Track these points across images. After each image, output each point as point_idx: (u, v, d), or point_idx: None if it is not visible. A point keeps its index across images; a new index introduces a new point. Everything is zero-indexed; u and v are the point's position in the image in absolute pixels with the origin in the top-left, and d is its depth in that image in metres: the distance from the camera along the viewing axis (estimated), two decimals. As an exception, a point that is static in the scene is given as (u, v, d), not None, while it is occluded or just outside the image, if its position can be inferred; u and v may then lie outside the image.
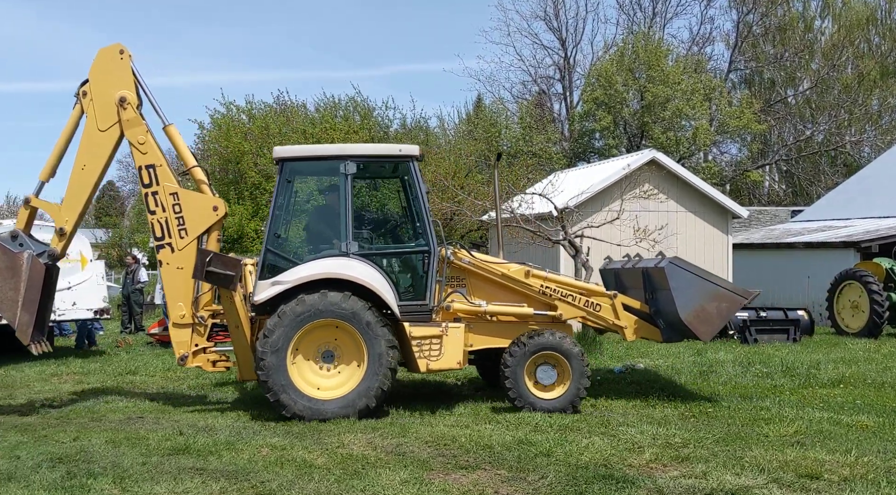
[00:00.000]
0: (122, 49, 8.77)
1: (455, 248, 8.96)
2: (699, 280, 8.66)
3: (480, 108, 37.29)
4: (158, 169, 8.64)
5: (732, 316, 9.11)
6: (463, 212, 14.15)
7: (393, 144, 8.85)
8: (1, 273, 8.51)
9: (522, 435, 7.41)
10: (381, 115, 26.06)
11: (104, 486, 5.77)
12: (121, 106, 8.65)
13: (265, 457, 6.60)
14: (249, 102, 26.25)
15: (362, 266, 8.33)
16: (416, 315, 8.48)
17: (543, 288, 8.98)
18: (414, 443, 7.11)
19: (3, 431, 7.70)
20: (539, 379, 8.49)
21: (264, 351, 7.89)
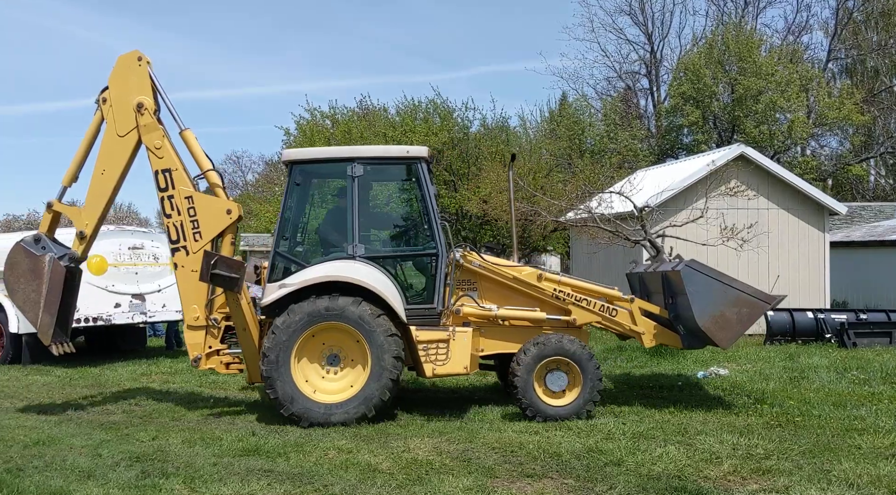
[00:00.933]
0: (140, 56, 8.90)
1: (464, 251, 8.83)
2: (718, 284, 8.24)
3: (565, 105, 36.78)
4: (174, 173, 8.71)
5: (754, 322, 8.50)
6: (537, 212, 13.90)
7: (401, 146, 8.61)
8: (24, 275, 8.81)
9: (593, 442, 7.18)
10: (461, 116, 26.05)
11: (174, 486, 5.92)
12: (138, 111, 8.76)
13: (331, 460, 6.64)
14: (333, 108, 26.80)
15: (368, 269, 8.28)
16: (424, 318, 8.37)
17: (557, 292, 8.78)
18: (480, 449, 7.00)
19: (90, 429, 8.05)
20: (549, 386, 8.22)
21: (268, 354, 7.93)
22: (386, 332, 7.96)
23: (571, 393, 8.21)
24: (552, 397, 8.20)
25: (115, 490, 5.82)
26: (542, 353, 8.15)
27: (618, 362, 12.20)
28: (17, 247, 8.94)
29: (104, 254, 12.93)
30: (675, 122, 32.63)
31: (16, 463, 6.63)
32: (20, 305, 8.96)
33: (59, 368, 12.65)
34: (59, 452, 7.00)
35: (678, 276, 8.28)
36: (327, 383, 8.16)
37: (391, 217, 9.65)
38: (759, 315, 8.32)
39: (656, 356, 12.53)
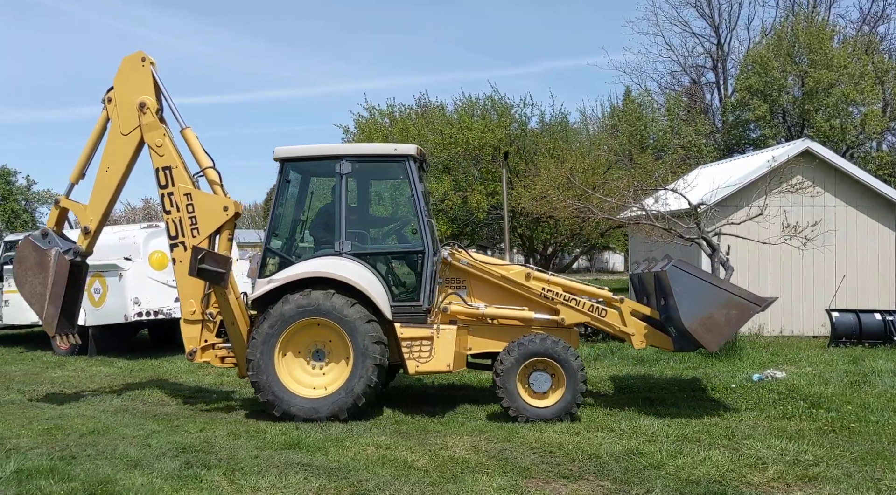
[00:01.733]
0: (144, 57, 9.12)
1: (452, 249, 8.75)
2: (706, 285, 8.00)
3: (628, 100, 36.16)
4: (174, 171, 8.88)
5: (743, 324, 8.15)
6: (589, 210, 13.72)
7: (389, 144, 8.52)
8: (31, 268, 9.14)
9: (634, 444, 7.06)
10: (519, 113, 25.87)
11: (215, 477, 6.08)
12: (140, 111, 8.98)
13: (368, 456, 6.70)
14: (391, 105, 26.98)
15: (353, 265, 8.29)
16: (411, 316, 8.35)
17: (545, 291, 8.67)
18: (518, 449, 6.96)
19: (143, 420, 8.34)
20: (532, 386, 8.09)
21: (253, 350, 8.03)
22: (366, 327, 7.95)
23: (555, 394, 8.07)
24: (536, 398, 8.07)
25: (158, 479, 6.01)
26: (525, 354, 8.03)
27: (670, 363, 11.95)
28: (26, 242, 9.31)
29: (165, 249, 13.34)
30: (742, 117, 31.67)
31: (70, 450, 6.92)
32: (27, 298, 9.30)
33: (122, 360, 13.15)
34: (112, 441, 7.27)
35: (666, 277, 8.09)
36: (313, 378, 8.21)
37: (378, 214, 9.57)
38: (748, 317, 8.01)
39: (710, 357, 12.21)
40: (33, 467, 6.25)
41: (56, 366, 12.73)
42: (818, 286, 15.98)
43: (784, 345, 14.08)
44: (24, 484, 5.90)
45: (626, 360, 12.23)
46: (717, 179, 15.39)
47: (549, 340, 8.11)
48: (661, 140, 30.70)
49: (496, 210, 24.45)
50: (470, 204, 23.64)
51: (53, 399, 9.75)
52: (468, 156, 24.06)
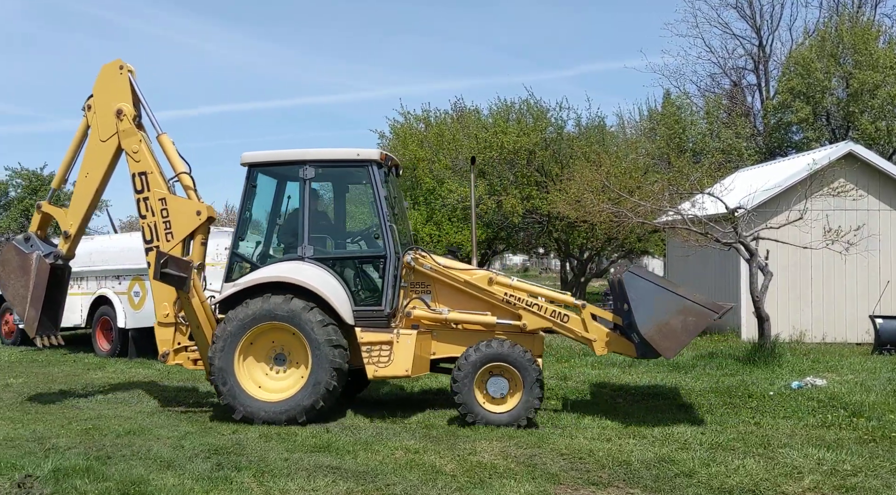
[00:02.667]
0: (122, 65, 9.28)
1: (416, 254, 8.69)
2: (662, 291, 7.84)
3: (668, 103, 35.74)
4: (150, 176, 9.04)
5: (700, 331, 7.90)
6: (624, 214, 13.56)
7: (352, 149, 8.72)
8: (14, 272, 9.41)
9: (667, 452, 6.96)
10: (555, 116, 25.75)
11: (245, 479, 6.14)
12: (118, 117, 9.14)
13: (397, 460, 6.71)
14: (426, 110, 27.08)
15: (314, 270, 8.34)
16: (373, 320, 8.38)
17: (507, 296, 8.56)
18: (548, 455, 6.91)
19: (178, 421, 8.46)
20: (490, 392, 8.04)
21: (213, 353, 8.18)
22: (323, 331, 7.99)
23: (512, 399, 8.02)
24: (493, 403, 8.03)
25: (189, 481, 6.09)
26: (482, 359, 8.00)
27: (707, 370, 11.75)
28: (10, 246, 9.61)
29: (202, 253, 13.53)
30: (784, 119, 31.07)
31: (106, 450, 7.05)
32: (10, 299, 9.58)
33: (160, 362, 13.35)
34: (146, 442, 7.39)
35: (622, 284, 7.98)
36: (274, 382, 8.31)
37: (343, 219, 9.55)
38: (704, 324, 7.81)
39: (749, 364, 12.00)
40: (70, 466, 6.38)
41: (96, 367, 13.00)
42: (861, 292, 15.59)
43: (825, 352, 13.76)
44: (61, 482, 6.02)
45: (661, 367, 12.07)
46: (756, 183, 15.12)
47: (507, 345, 8.07)
48: (699, 143, 30.28)
49: (532, 214, 24.35)
50: (504, 208, 23.58)
51: (93, 399, 9.96)
52: (502, 160, 24.01)
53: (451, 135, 25.29)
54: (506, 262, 73.94)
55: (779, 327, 14.23)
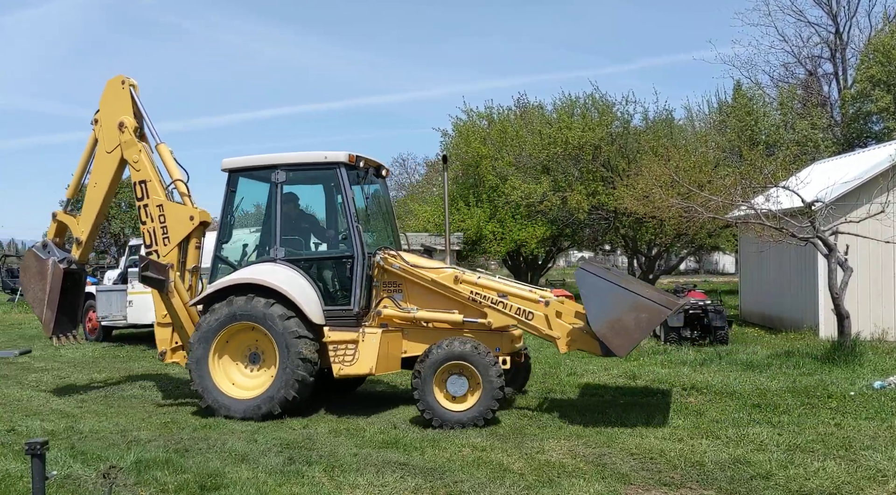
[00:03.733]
0: (124, 80, 9.81)
1: (385, 254, 8.71)
2: (614, 288, 7.58)
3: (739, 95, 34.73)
4: (149, 184, 9.50)
5: (653, 328, 7.43)
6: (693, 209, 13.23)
7: (320, 152, 8.88)
8: (34, 276, 10.10)
9: (742, 453, 6.77)
10: (621, 110, 25.35)
11: (315, 473, 6.25)
12: (120, 130, 9.66)
13: (464, 457, 6.72)
14: (489, 107, 27.03)
15: (285, 271, 8.58)
16: (343, 320, 8.51)
17: (473, 294, 8.46)
18: (618, 454, 6.81)
19: (251, 416, 8.65)
20: (449, 391, 7.98)
21: (190, 353, 8.62)
22: (286, 325, 8.23)
23: (472, 398, 7.94)
24: (453, 402, 7.98)
25: (262, 474, 6.24)
26: (441, 358, 7.96)
27: (783, 368, 11.37)
28: (29, 252, 10.34)
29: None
30: (864, 109, 29.84)
31: (184, 444, 7.29)
32: (30, 302, 10.22)
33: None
34: (222, 436, 7.61)
35: None
36: (248, 380, 8.64)
37: (314, 221, 9.64)
38: (658, 321, 7.50)
39: (828, 363, 11.56)
40: (151, 458, 6.62)
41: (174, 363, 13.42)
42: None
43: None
44: (143, 474, 6.26)
45: (734, 365, 11.74)
46: (834, 175, 14.55)
47: (466, 344, 8.01)
48: (772, 135, 29.32)
49: (597, 210, 24.04)
50: (570, 204, 23.36)
51: (171, 394, 10.30)
52: (567, 155, 23.78)
53: (514, 132, 25.19)
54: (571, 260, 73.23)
55: (859, 325, 13.67)
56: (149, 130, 9.84)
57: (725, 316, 14.66)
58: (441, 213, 25.97)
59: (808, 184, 13.71)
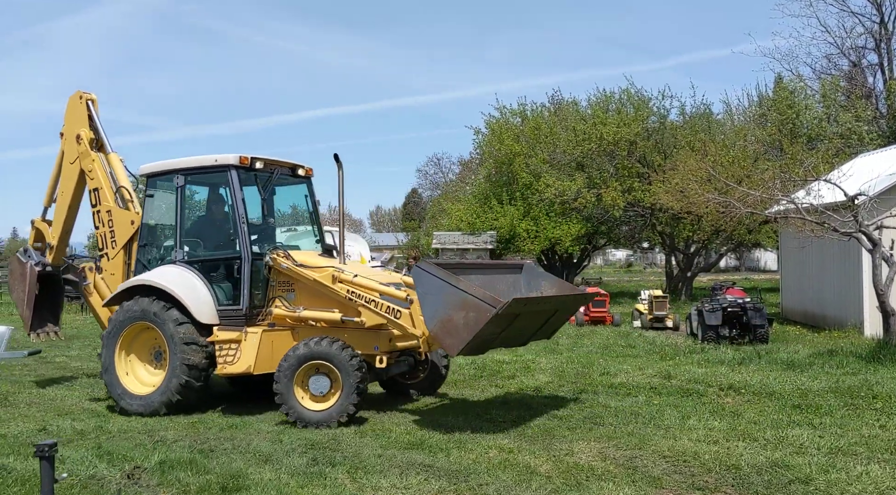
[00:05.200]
0: (82, 95, 10.55)
1: (273, 254, 8.76)
2: (445, 285, 7.32)
3: (780, 87, 33.88)
4: (101, 192, 10.10)
5: (480, 327, 7.18)
6: (730, 204, 12.86)
7: (210, 155, 9.14)
8: (18, 279, 10.95)
9: (780, 456, 6.51)
10: (658, 105, 24.93)
11: (338, 475, 6.15)
12: (77, 142, 10.36)
13: (490, 459, 6.56)
14: (522, 104, 26.79)
15: (180, 272, 8.93)
16: (233, 319, 8.72)
17: (349, 293, 8.38)
18: (649, 457, 6.58)
19: (278, 415, 8.58)
20: (312, 390, 7.97)
21: (102, 351, 9.06)
22: (175, 328, 8.56)
23: (332, 398, 7.89)
24: (316, 401, 7.96)
25: (285, 475, 6.16)
26: (301, 357, 7.95)
27: (825, 368, 10.99)
28: (13, 257, 11.27)
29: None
30: (911, 100, 28.87)
31: (210, 444, 7.25)
32: (15, 302, 11.10)
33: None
34: (247, 436, 7.56)
35: None
36: (153, 377, 8.96)
37: (211, 223, 9.74)
38: (484, 319, 7.14)
39: (873, 362, 11.15)
40: (175, 459, 6.58)
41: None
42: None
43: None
44: (167, 474, 6.22)
45: (774, 365, 11.39)
46: (878, 168, 14.04)
47: (330, 343, 7.95)
48: (815, 128, 28.54)
49: (633, 207, 23.66)
50: (604, 201, 23.02)
51: (201, 394, 10.28)
52: (602, 151, 23.43)
53: (547, 129, 24.91)
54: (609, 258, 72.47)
55: (906, 322, 13.16)
56: (104, 140, 10.51)
57: (765, 313, 14.28)
58: (474, 212, 25.83)
59: (851, 177, 13.25)
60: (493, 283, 8.57)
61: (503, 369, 11.47)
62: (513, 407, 8.77)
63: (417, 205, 67.48)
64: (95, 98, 10.67)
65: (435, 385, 9.65)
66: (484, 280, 8.48)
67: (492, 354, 12.92)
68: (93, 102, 10.61)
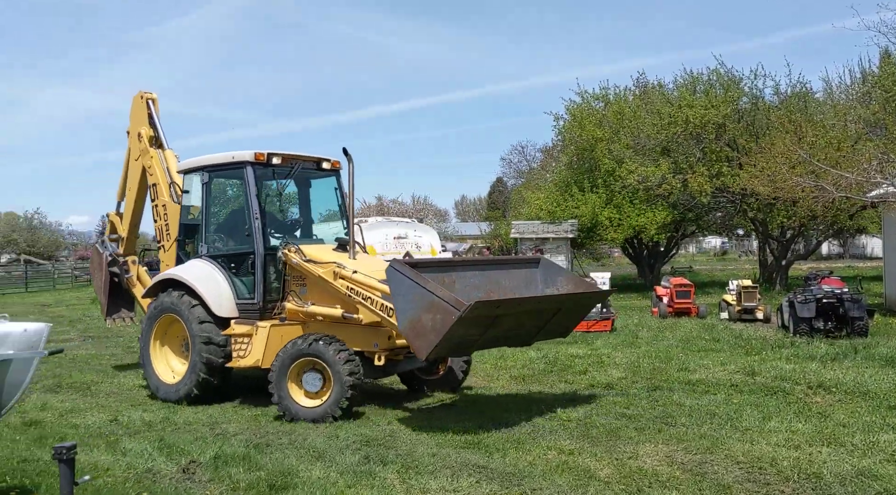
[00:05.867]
0: (143, 95, 11.04)
1: (284, 249, 8.77)
2: (415, 286, 7.10)
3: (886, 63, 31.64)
4: (158, 187, 10.51)
5: (447, 330, 6.77)
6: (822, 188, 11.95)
7: (228, 153, 9.25)
8: (96, 269, 11.87)
9: (868, 464, 5.92)
10: (749, 85, 23.66)
11: (388, 475, 5.97)
12: (138, 139, 10.88)
13: (548, 461, 6.24)
14: (604, 88, 25.99)
15: (204, 267, 9.21)
16: (250, 313, 8.90)
17: (349, 289, 8.22)
18: (721, 462, 6.11)
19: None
20: (306, 386, 7.97)
21: (140, 341, 9.59)
22: (194, 318, 8.86)
23: (325, 394, 7.87)
24: (310, 398, 7.96)
25: (334, 473, 6.03)
26: (293, 354, 7.97)
27: (930, 365, 10.08)
28: (93, 248, 12.25)
29: (373, 243, 13.84)
30: None
31: (267, 438, 7.23)
32: (95, 290, 12.12)
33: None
34: (305, 430, 7.51)
35: None
36: (182, 367, 9.27)
37: (233, 218, 9.92)
38: (450, 321, 6.80)
39: None
40: (230, 454, 6.57)
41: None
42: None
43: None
44: (220, 469, 6.20)
45: (872, 361, 10.55)
46: None
47: (322, 340, 7.92)
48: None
49: (722, 193, 22.58)
50: (691, 187, 22.05)
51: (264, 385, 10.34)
52: (688, 135, 22.44)
53: (631, 113, 24.05)
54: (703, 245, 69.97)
55: None
56: (161, 137, 10.96)
57: (865, 305, 13.27)
58: (554, 201, 25.26)
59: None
60: (498, 280, 8.48)
61: (575, 364, 11.06)
62: (580, 404, 8.39)
63: (502, 195, 67.03)
64: (156, 97, 11.17)
65: (452, 382, 9.47)
66: (482, 278, 8.39)
67: (565, 347, 12.55)
68: (153, 101, 11.09)
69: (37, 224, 62.20)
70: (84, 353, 13.75)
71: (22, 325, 4.66)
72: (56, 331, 17.86)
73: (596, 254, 44.40)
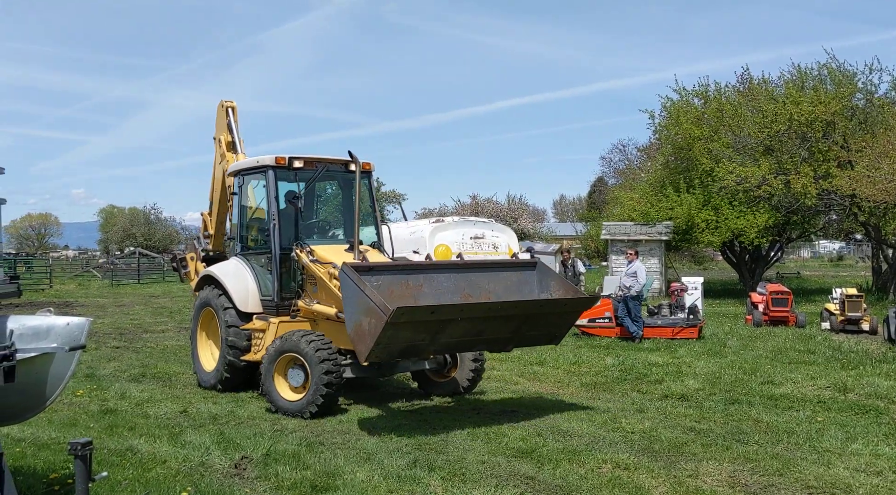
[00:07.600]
0: (223, 103, 11.61)
1: (296, 249, 9.00)
2: (357, 291, 7.12)
3: None
4: (230, 189, 10.72)
5: (378, 334, 6.80)
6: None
7: (253, 158, 9.90)
8: None
9: (962, 499, 5.30)
10: (863, 80, 22.11)
11: (431, 481, 5.83)
12: (219, 145, 11.50)
13: (601, 475, 5.93)
14: (703, 85, 24.87)
15: (235, 264, 9.90)
16: (269, 309, 9.39)
17: (339, 290, 7.93)
18: (790, 487, 5.64)
19: (395, 413, 8.46)
20: (290, 381, 8.22)
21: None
22: (222, 313, 9.48)
23: (306, 389, 8.04)
24: (295, 392, 8.19)
25: (378, 476, 5.94)
26: (277, 350, 8.24)
27: None
28: (191, 243, 12.56)
29: (449, 243, 13.74)
30: None
31: (322, 437, 7.24)
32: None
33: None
34: (361, 430, 7.48)
35: None
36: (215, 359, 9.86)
37: (260, 219, 10.11)
38: (380, 325, 6.79)
39: None
40: (280, 452, 6.60)
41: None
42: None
43: None
44: (268, 467, 6.24)
45: None
46: None
47: (302, 337, 8.09)
48: None
49: (829, 195, 21.19)
50: (794, 188, 20.81)
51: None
52: (793, 133, 21.18)
53: (731, 110, 22.94)
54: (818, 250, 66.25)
55: None
56: (238, 142, 11.48)
57: (984, 318, 12.09)
58: (648, 202, 24.43)
59: None
60: (479, 284, 8.37)
61: (651, 372, 10.58)
62: (647, 415, 7.99)
63: (602, 194, 65.62)
64: (235, 105, 11.81)
65: (463, 385, 9.28)
66: (461, 281, 8.33)
67: (645, 355, 12.06)
68: (232, 109, 11.71)
69: (153, 219, 65.89)
70: (174, 344, 14.32)
71: (65, 319, 4.79)
72: (155, 321, 18.73)
73: (697, 257, 42.80)
